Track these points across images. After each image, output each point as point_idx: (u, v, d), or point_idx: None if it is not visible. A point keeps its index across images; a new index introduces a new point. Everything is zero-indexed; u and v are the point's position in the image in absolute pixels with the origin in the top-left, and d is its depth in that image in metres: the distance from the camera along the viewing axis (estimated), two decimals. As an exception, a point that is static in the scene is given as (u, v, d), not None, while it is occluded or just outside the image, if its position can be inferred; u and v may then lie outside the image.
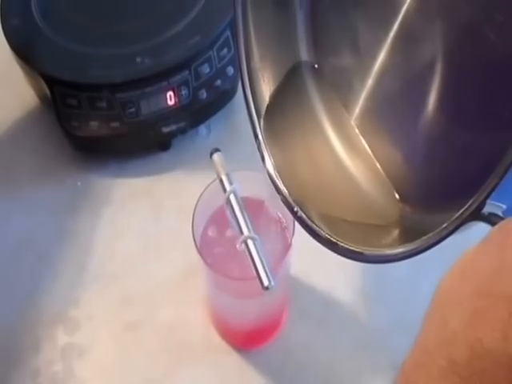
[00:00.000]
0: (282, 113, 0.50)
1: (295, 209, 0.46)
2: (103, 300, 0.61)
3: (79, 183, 0.67)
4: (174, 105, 0.64)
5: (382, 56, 0.44)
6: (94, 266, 0.63)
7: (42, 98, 0.69)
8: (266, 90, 0.51)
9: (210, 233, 0.53)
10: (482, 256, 0.28)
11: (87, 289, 0.62)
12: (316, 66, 0.51)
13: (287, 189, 0.47)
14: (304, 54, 0.51)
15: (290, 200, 0.47)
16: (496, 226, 0.28)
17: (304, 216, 0.46)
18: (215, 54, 0.64)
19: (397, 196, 0.45)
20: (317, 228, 0.45)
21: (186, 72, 0.63)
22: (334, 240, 0.43)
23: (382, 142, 0.47)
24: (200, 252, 0.49)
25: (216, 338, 0.59)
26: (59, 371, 0.58)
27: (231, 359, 0.58)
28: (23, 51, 0.65)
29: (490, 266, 0.27)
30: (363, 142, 0.48)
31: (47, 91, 0.64)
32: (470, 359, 0.25)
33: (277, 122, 0.50)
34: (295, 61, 0.51)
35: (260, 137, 0.50)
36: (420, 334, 0.29)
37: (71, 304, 0.61)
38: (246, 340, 0.59)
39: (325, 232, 0.44)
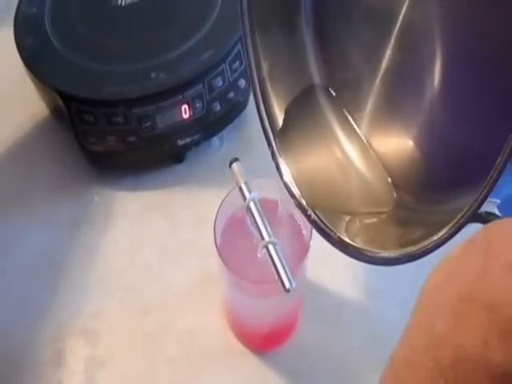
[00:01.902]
0: (295, 125, 0.52)
1: (308, 212, 0.48)
2: (123, 311, 0.62)
3: (95, 197, 0.68)
4: (188, 118, 0.65)
5: (386, 58, 0.46)
6: (112, 278, 0.64)
7: (57, 115, 0.70)
8: (280, 101, 0.52)
9: (228, 238, 0.54)
10: (467, 260, 0.28)
11: (106, 301, 0.62)
12: (329, 89, 0.52)
13: (301, 194, 0.49)
14: (315, 75, 0.52)
15: (304, 203, 0.48)
16: (481, 230, 0.29)
17: (317, 219, 0.47)
18: (228, 67, 0.65)
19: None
20: (329, 230, 0.46)
21: (200, 85, 0.65)
22: (346, 242, 0.44)
23: (388, 139, 0.49)
24: (220, 254, 0.50)
25: (234, 343, 0.60)
26: (83, 382, 0.58)
27: (250, 362, 0.59)
28: (38, 69, 0.67)
29: (474, 271, 0.27)
30: (369, 147, 0.50)
31: (63, 108, 0.65)
32: (455, 362, 0.26)
33: (290, 132, 0.52)
34: (306, 79, 0.52)
35: (274, 145, 0.51)
36: (408, 331, 0.30)
37: (91, 316, 0.61)
38: (264, 342, 0.60)
39: (336, 235, 0.45)
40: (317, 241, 0.47)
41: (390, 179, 0.48)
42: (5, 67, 0.75)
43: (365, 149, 0.50)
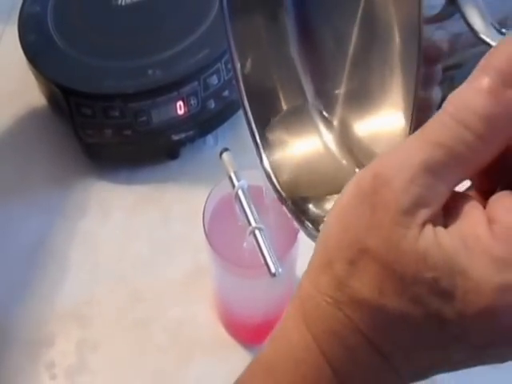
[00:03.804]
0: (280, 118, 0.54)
1: (287, 202, 0.50)
2: (114, 298, 0.64)
3: (92, 189, 0.70)
4: (183, 114, 0.67)
5: (353, 43, 0.48)
6: (105, 266, 0.66)
7: (56, 108, 0.72)
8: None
9: (217, 224, 0.56)
10: (356, 207, 0.29)
11: (99, 288, 0.64)
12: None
13: (280, 183, 0.51)
14: (299, 68, 0.54)
15: (282, 194, 0.50)
16: (368, 174, 0.29)
17: (294, 209, 0.49)
18: (223, 66, 0.68)
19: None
20: (304, 220, 0.48)
21: (196, 83, 0.67)
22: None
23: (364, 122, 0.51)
24: (209, 239, 0.52)
25: (224, 335, 0.62)
26: (73, 364, 0.60)
27: (239, 354, 0.61)
28: (40, 65, 0.70)
29: (364, 222, 0.28)
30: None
31: (63, 102, 0.68)
32: (352, 303, 0.28)
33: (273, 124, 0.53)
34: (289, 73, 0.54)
35: (258, 140, 0.52)
36: (310, 268, 0.31)
37: (84, 302, 0.63)
38: (252, 335, 0.62)
39: (312, 226, 0.47)
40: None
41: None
42: (9, 63, 0.78)
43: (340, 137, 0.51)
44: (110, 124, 0.67)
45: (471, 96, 0.27)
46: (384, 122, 0.47)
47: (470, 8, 0.28)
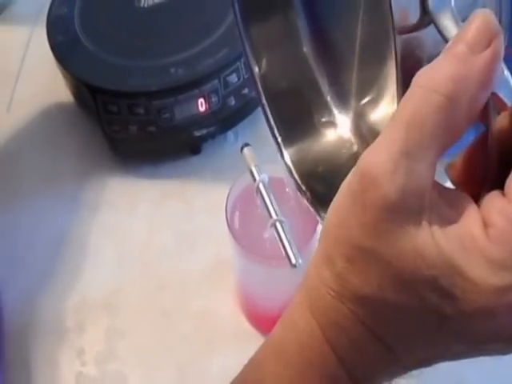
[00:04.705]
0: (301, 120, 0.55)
1: (307, 194, 0.52)
2: (140, 288, 0.66)
3: (117, 183, 0.73)
4: (204, 111, 0.70)
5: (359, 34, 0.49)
6: (131, 257, 0.68)
7: (83, 105, 0.75)
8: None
9: (239, 216, 0.58)
10: (348, 206, 0.29)
11: (125, 278, 0.67)
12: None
13: (300, 178, 0.53)
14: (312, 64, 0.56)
15: (303, 187, 0.52)
16: (357, 173, 0.29)
17: (313, 201, 0.51)
18: (242, 65, 0.70)
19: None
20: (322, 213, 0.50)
21: (216, 81, 0.70)
22: None
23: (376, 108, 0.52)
24: (231, 230, 0.54)
25: (246, 325, 0.64)
26: (102, 351, 0.63)
27: (260, 343, 0.62)
28: (68, 64, 0.73)
29: (357, 220, 0.29)
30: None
31: (90, 99, 0.71)
32: (354, 297, 0.30)
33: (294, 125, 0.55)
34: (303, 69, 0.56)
35: (277, 135, 0.54)
36: (314, 260, 0.32)
37: (112, 291, 0.66)
38: (274, 324, 0.63)
39: None
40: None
41: None
42: (38, 63, 0.82)
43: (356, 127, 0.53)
44: (135, 120, 0.70)
45: (439, 64, 0.28)
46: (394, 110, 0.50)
47: (443, 18, 0.30)
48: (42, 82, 0.81)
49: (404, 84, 0.30)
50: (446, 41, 0.29)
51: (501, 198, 0.29)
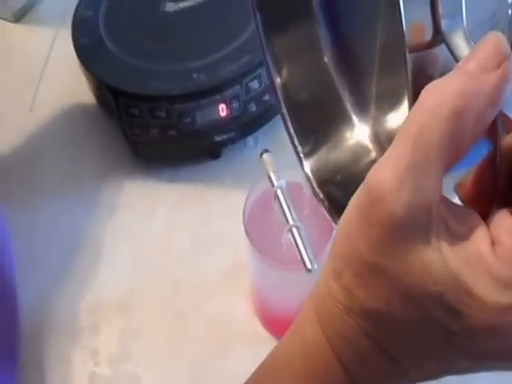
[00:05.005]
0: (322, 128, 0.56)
1: (325, 202, 0.52)
2: (156, 290, 0.67)
3: (137, 185, 0.74)
4: (225, 116, 0.70)
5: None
6: (148, 259, 0.69)
7: (106, 107, 0.76)
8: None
9: (257, 221, 0.59)
10: (356, 222, 0.30)
11: (141, 279, 0.67)
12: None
13: (319, 186, 0.53)
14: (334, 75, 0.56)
15: (321, 196, 0.52)
16: (364, 188, 0.29)
17: (330, 209, 0.51)
18: (264, 71, 0.70)
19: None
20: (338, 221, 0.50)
21: (237, 87, 0.70)
22: None
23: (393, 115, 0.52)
24: (248, 233, 0.55)
25: (260, 329, 0.64)
26: (116, 351, 0.63)
27: (273, 347, 0.63)
28: (92, 66, 0.74)
29: (364, 236, 0.29)
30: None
31: (112, 102, 0.71)
32: (363, 312, 0.30)
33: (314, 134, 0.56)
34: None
35: (297, 144, 0.55)
36: (324, 273, 0.32)
37: (127, 292, 0.67)
38: (288, 328, 0.64)
39: None
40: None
41: None
42: (62, 63, 0.83)
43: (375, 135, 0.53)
44: (156, 124, 0.70)
45: (448, 79, 0.28)
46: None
47: (455, 37, 0.30)
48: (65, 84, 0.82)
49: (415, 100, 0.30)
50: (457, 60, 0.30)
51: (509, 216, 0.29)
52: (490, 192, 0.31)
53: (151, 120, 0.70)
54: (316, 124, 0.54)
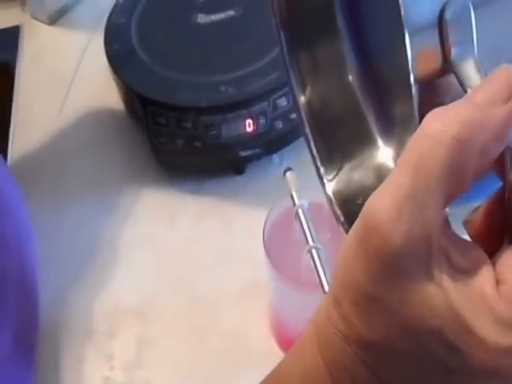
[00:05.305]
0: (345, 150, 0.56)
1: (346, 226, 0.52)
2: (174, 300, 0.67)
3: (160, 194, 0.74)
4: (251, 132, 0.71)
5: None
6: (167, 269, 0.69)
7: (134, 114, 0.77)
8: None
9: (277, 239, 0.59)
10: (354, 252, 0.29)
11: (161, 289, 0.68)
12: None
13: (340, 209, 0.53)
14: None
15: (342, 219, 0.52)
16: (362, 217, 0.28)
17: None
18: (292, 89, 0.71)
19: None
20: None
21: (265, 103, 0.70)
22: None
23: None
24: (267, 251, 0.55)
25: (274, 347, 0.64)
26: (131, 358, 0.64)
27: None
28: (121, 73, 0.75)
29: (362, 266, 0.28)
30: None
31: (140, 109, 0.72)
32: (359, 341, 0.29)
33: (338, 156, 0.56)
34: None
35: (320, 166, 0.54)
36: (325, 300, 0.32)
37: (146, 301, 0.67)
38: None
39: None
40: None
41: None
42: (93, 68, 0.84)
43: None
44: (182, 134, 0.71)
45: (454, 107, 0.28)
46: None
47: (465, 66, 0.29)
48: (96, 88, 0.83)
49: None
50: (466, 90, 0.29)
51: None
52: (499, 229, 0.30)
53: (177, 130, 0.71)
54: (339, 144, 0.54)
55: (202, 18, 0.77)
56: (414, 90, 0.30)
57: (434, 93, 0.31)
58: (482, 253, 0.29)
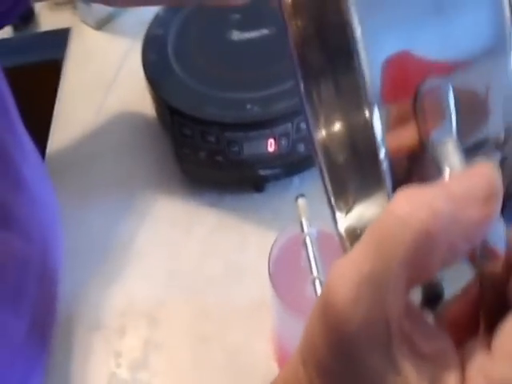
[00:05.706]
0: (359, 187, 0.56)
1: None
2: (184, 308, 0.69)
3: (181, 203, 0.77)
4: (273, 152, 0.72)
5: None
6: (180, 277, 0.71)
7: (163, 123, 0.79)
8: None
9: (282, 266, 0.59)
10: (314, 325, 0.28)
11: (172, 295, 0.70)
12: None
13: (350, 243, 0.53)
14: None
15: None
16: (323, 291, 0.28)
17: None
18: (317, 114, 0.72)
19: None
20: None
21: (289, 125, 0.71)
22: None
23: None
24: (272, 279, 0.56)
25: (275, 369, 0.64)
26: (137, 358, 0.66)
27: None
28: (155, 82, 0.77)
29: (322, 342, 0.28)
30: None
31: (168, 119, 0.75)
32: None
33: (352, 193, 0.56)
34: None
35: (333, 203, 0.54)
36: (298, 347, 0.30)
37: (156, 305, 0.69)
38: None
39: None
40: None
41: None
42: (132, 75, 0.87)
43: None
44: (206, 147, 0.73)
45: (428, 191, 0.26)
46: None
47: (443, 149, 0.28)
48: (133, 94, 0.86)
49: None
50: (442, 170, 0.28)
51: (484, 353, 0.27)
52: (473, 320, 0.29)
53: (201, 143, 0.73)
54: (354, 181, 0.53)
55: (236, 35, 0.79)
56: (385, 170, 0.30)
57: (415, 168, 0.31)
58: (449, 341, 0.28)
